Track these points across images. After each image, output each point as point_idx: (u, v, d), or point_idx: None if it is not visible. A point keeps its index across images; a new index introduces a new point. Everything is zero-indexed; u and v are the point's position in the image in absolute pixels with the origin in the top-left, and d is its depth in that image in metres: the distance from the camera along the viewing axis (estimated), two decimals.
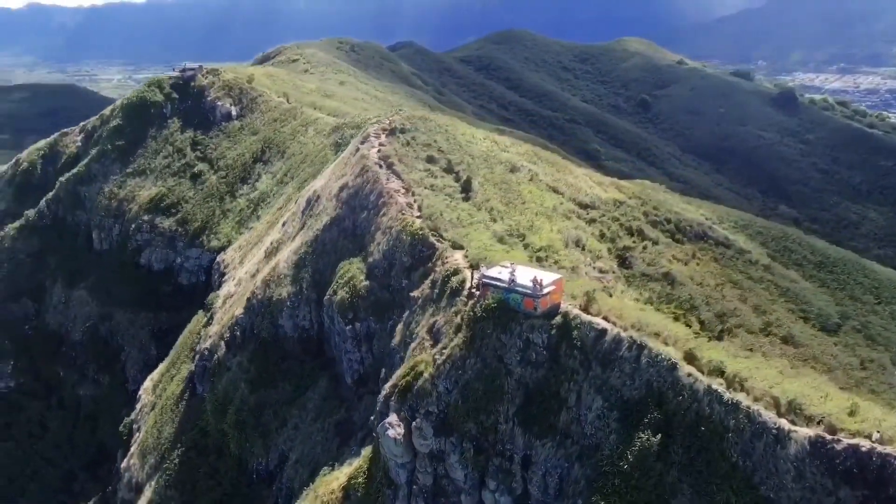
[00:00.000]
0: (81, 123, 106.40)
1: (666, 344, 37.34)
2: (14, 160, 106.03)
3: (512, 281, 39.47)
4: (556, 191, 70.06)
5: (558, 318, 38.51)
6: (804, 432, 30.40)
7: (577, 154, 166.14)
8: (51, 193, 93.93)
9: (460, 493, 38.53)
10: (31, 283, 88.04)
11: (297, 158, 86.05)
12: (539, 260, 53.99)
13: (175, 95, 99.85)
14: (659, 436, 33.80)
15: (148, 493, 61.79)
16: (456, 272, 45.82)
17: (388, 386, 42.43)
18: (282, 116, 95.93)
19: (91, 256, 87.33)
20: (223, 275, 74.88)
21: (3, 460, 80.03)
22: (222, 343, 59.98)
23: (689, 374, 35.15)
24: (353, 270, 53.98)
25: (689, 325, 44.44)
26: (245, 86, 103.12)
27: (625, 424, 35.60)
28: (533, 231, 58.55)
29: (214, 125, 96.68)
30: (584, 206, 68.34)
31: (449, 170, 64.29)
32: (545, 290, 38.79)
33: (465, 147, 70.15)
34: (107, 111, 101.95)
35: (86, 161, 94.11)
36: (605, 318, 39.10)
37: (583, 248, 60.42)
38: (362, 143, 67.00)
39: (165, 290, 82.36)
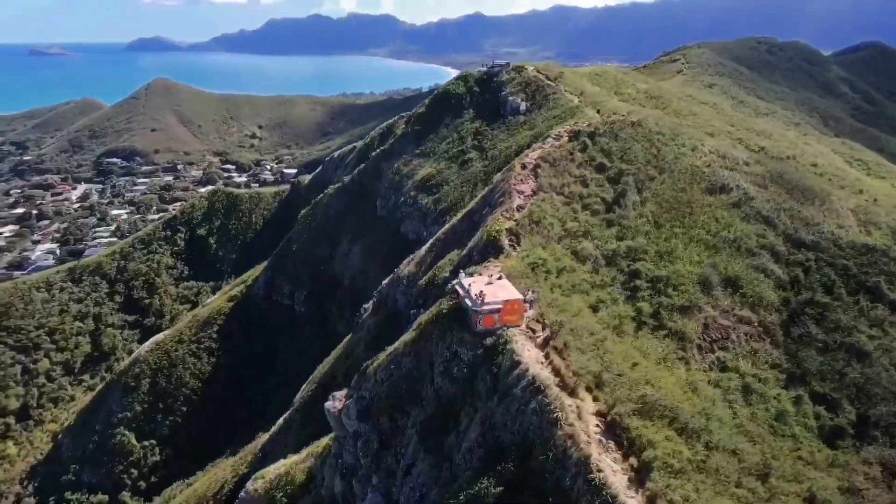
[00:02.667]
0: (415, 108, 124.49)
1: (574, 396, 32.61)
2: (368, 137, 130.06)
3: (467, 291, 38.11)
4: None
5: (489, 340, 36.14)
6: None
7: None
8: (363, 165, 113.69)
9: (359, 479, 39.00)
10: (331, 234, 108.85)
11: None
12: (635, 290, 48.43)
13: (476, 89, 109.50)
14: (500, 489, 30.36)
15: None
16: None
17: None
18: (561, 114, 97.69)
19: (374, 220, 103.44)
20: None
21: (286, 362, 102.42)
22: (371, 305, 67.41)
23: (570, 437, 30.40)
24: (445, 261, 55.57)
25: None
26: (544, 83, 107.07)
27: (485, 464, 32.58)
28: (663, 258, 51.91)
29: (502, 118, 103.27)
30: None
31: (613, 179, 60.05)
32: (486, 308, 36.68)
33: (653, 153, 63.68)
34: (427, 99, 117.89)
35: (392, 140, 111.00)
36: (547, 356, 35.30)
37: (734, 292, 51.19)
38: (541, 144, 66.34)
39: None
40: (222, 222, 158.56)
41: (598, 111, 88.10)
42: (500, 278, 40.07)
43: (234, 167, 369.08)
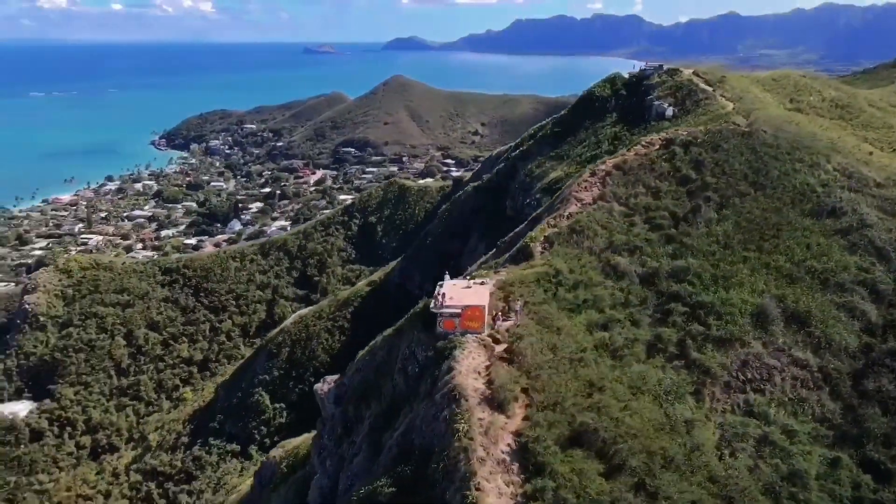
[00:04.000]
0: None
1: (500, 412, 31.94)
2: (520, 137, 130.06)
3: (437, 294, 38.50)
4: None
5: (441, 343, 36.30)
6: None
7: None
8: (502, 164, 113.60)
9: (322, 460, 40.38)
10: (464, 229, 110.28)
11: None
12: (667, 313, 44.78)
13: (623, 92, 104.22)
14: (392, 490, 31.03)
15: None
16: None
17: None
18: (707, 121, 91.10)
19: (502, 220, 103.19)
20: None
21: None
22: None
23: (464, 451, 30.03)
24: (475, 266, 54.99)
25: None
26: (697, 87, 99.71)
27: (395, 464, 33.28)
28: (718, 283, 47.43)
29: (645, 123, 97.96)
30: None
31: (693, 193, 55.88)
32: (447, 311, 36.92)
33: (755, 167, 57.38)
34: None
35: (531, 142, 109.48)
36: (488, 368, 34.75)
37: (798, 330, 45.17)
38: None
39: None
40: (391, 212, 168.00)
41: (746, 118, 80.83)
42: (482, 283, 39.43)
43: (453, 162, 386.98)
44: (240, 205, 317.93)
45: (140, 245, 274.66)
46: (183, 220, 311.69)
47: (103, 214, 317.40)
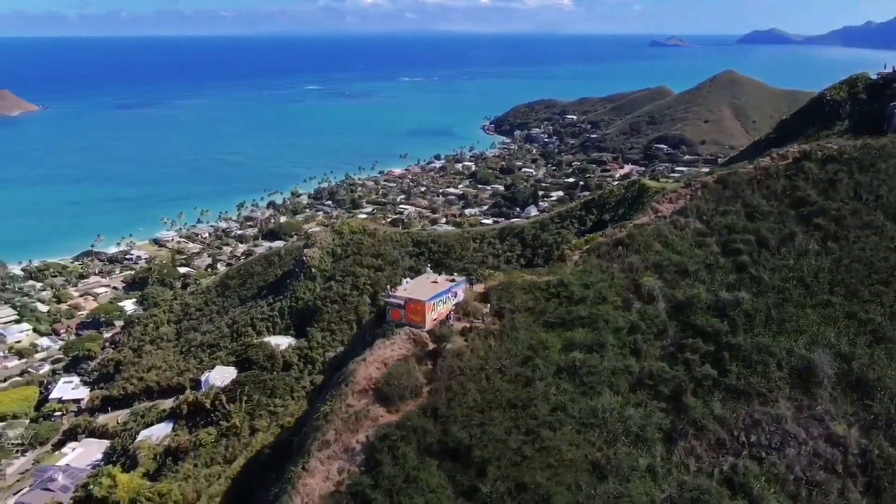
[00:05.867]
0: None
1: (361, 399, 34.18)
2: None
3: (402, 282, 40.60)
4: None
5: (379, 330, 38.84)
6: None
7: None
8: None
9: None
10: None
11: None
12: (681, 348, 40.31)
13: (863, 96, 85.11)
14: (269, 452, 35.29)
15: None
16: None
17: None
18: None
19: None
20: None
21: None
22: None
23: (318, 428, 32.98)
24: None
25: None
26: None
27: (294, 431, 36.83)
28: (769, 326, 41.13)
29: (881, 133, 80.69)
30: None
31: (802, 218, 48.01)
32: (392, 301, 39.25)
33: None
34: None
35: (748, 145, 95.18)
36: (385, 363, 36.46)
37: (848, 394, 36.68)
38: None
39: None
40: (625, 211, 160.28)
41: None
42: (451, 280, 39.67)
43: None
44: (540, 192, 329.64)
45: (444, 220, 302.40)
46: (487, 200, 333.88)
47: (423, 189, 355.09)
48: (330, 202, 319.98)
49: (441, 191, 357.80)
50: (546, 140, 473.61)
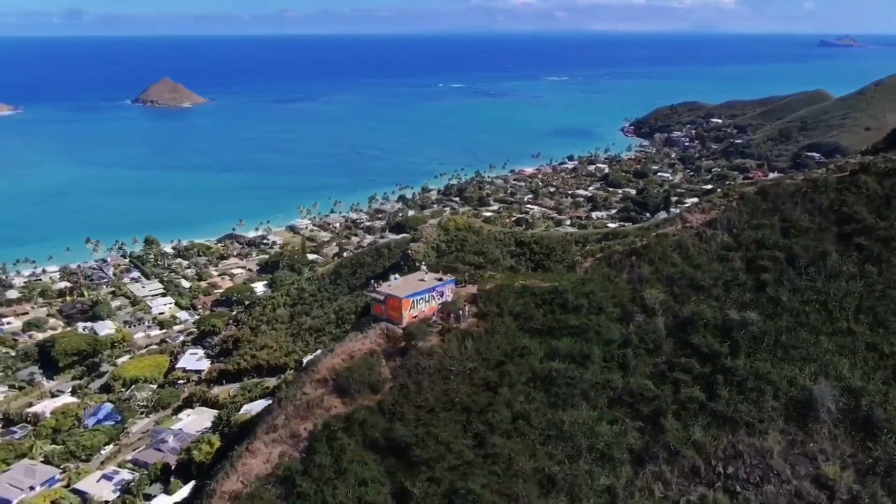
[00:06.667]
0: None
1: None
2: None
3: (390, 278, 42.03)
4: None
5: (361, 322, 40.42)
6: None
7: None
8: None
9: None
10: None
11: None
12: (671, 366, 38.95)
13: None
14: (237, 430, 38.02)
15: None
16: None
17: None
18: None
19: None
20: None
21: None
22: None
23: (270, 411, 35.29)
24: None
25: None
26: None
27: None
28: (776, 353, 38.85)
29: None
30: None
31: (842, 237, 44.49)
32: (373, 295, 40.87)
33: None
34: None
35: None
36: (346, 358, 37.98)
37: (850, 431, 33.63)
38: None
39: None
40: None
41: None
42: (439, 280, 40.11)
43: None
44: (674, 198, 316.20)
45: (568, 222, 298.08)
46: (617, 204, 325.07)
47: (552, 189, 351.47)
48: (458, 198, 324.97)
49: (570, 192, 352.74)
50: (686, 144, 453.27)
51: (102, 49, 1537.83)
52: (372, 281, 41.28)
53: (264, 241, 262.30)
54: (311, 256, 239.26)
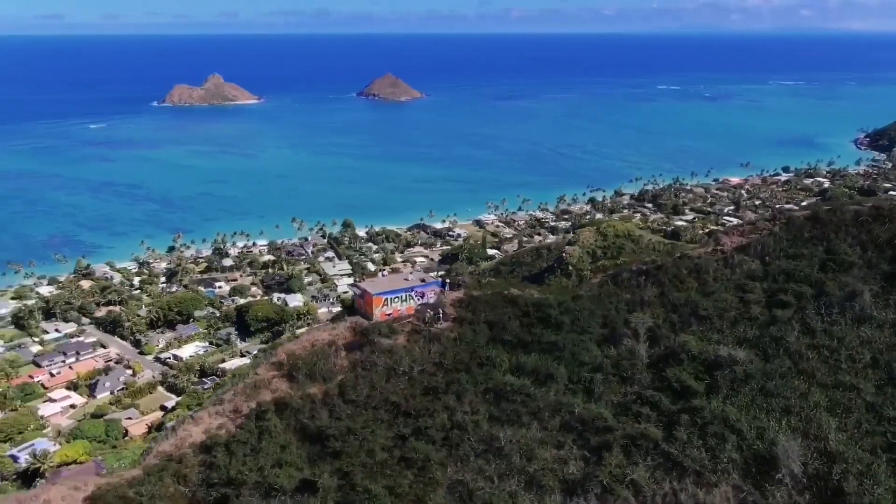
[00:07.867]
0: None
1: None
2: None
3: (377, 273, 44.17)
4: None
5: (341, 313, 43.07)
6: None
7: None
8: None
9: None
10: None
11: None
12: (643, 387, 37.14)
13: None
14: None
15: None
16: None
17: None
18: None
19: None
20: None
21: None
22: None
23: (220, 386, 39.26)
24: None
25: None
26: None
27: None
28: (765, 396, 35.66)
29: None
30: None
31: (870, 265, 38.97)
32: (352, 289, 43.21)
33: None
34: None
35: None
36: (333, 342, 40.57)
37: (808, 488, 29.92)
38: None
39: None
40: None
41: None
42: (421, 280, 40.90)
43: None
44: None
45: None
46: None
47: (757, 202, 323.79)
48: (650, 205, 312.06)
49: (777, 206, 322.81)
50: None
51: (342, 45, 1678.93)
52: (357, 277, 43.30)
53: (450, 233, 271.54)
54: (490, 251, 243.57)
